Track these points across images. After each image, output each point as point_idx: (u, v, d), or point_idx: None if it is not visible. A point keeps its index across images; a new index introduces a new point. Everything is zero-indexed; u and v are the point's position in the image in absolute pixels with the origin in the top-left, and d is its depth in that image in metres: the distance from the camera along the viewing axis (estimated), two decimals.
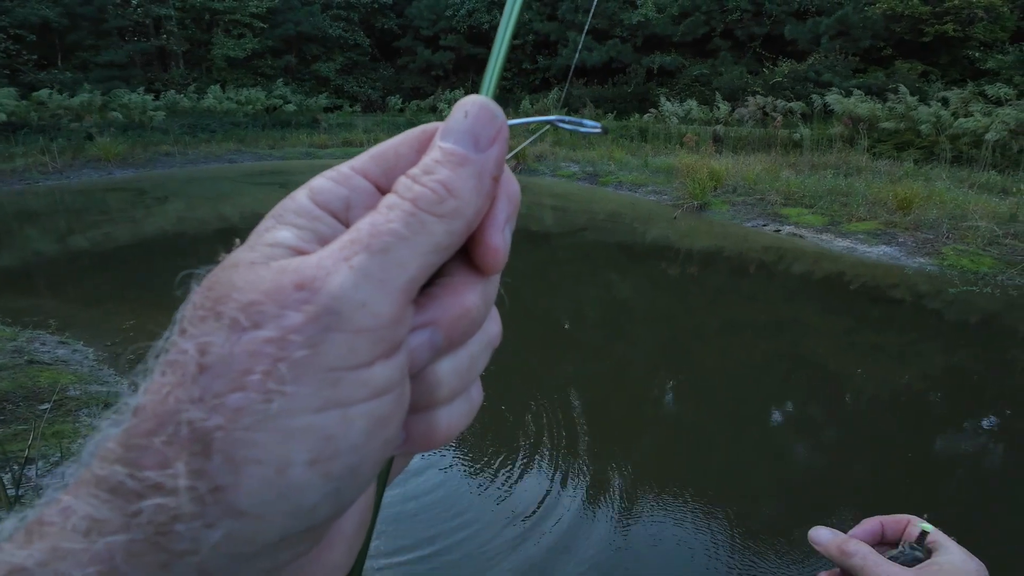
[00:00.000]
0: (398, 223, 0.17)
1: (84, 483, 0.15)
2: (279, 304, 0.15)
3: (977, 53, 13.89)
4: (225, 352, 0.15)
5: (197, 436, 0.14)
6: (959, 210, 6.90)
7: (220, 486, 0.14)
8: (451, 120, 0.19)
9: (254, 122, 16.95)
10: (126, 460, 0.15)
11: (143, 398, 0.15)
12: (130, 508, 0.14)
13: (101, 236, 7.28)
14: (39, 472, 2.46)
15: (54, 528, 0.15)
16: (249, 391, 0.15)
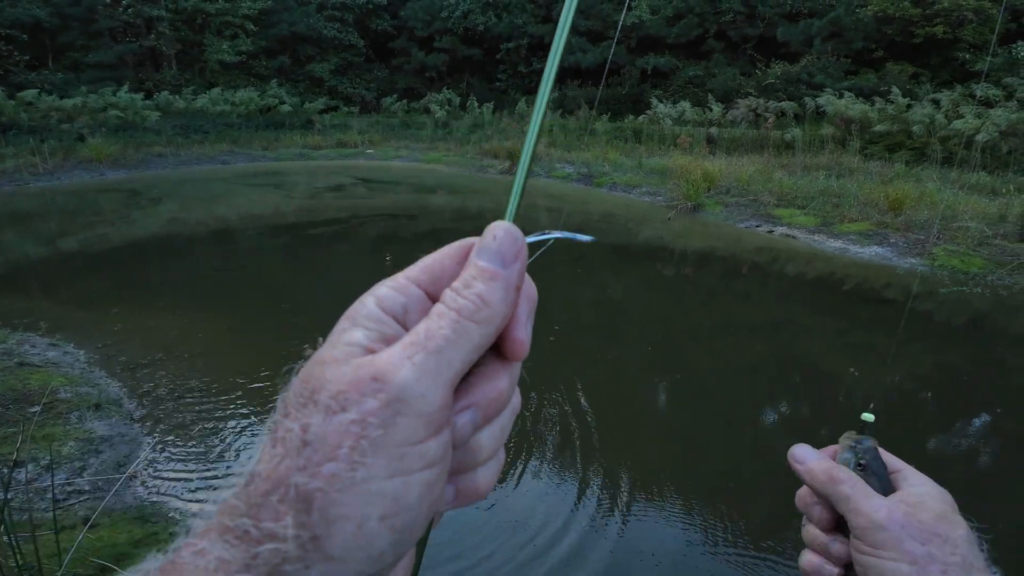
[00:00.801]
0: (447, 329, 0.21)
1: (214, 531, 0.19)
2: (360, 392, 0.20)
3: (967, 55, 14.03)
4: (321, 431, 0.19)
5: (301, 496, 0.19)
6: (950, 211, 6.97)
7: (317, 536, 0.19)
8: (483, 241, 0.24)
9: (247, 123, 16.86)
10: (250, 514, 0.19)
11: (259, 467, 0.20)
12: (252, 551, 0.19)
13: (92, 237, 7.22)
14: (28, 475, 2.43)
15: (187, 568, 0.19)
16: (340, 462, 0.19)
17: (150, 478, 2.64)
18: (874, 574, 0.40)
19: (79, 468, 2.61)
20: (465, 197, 10.46)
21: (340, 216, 8.66)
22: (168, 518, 2.36)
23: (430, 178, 12.25)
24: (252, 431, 3.02)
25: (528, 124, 0.27)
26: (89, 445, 2.77)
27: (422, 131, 17.57)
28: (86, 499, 2.42)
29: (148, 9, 18.99)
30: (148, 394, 3.33)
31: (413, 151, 15.33)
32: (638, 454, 2.96)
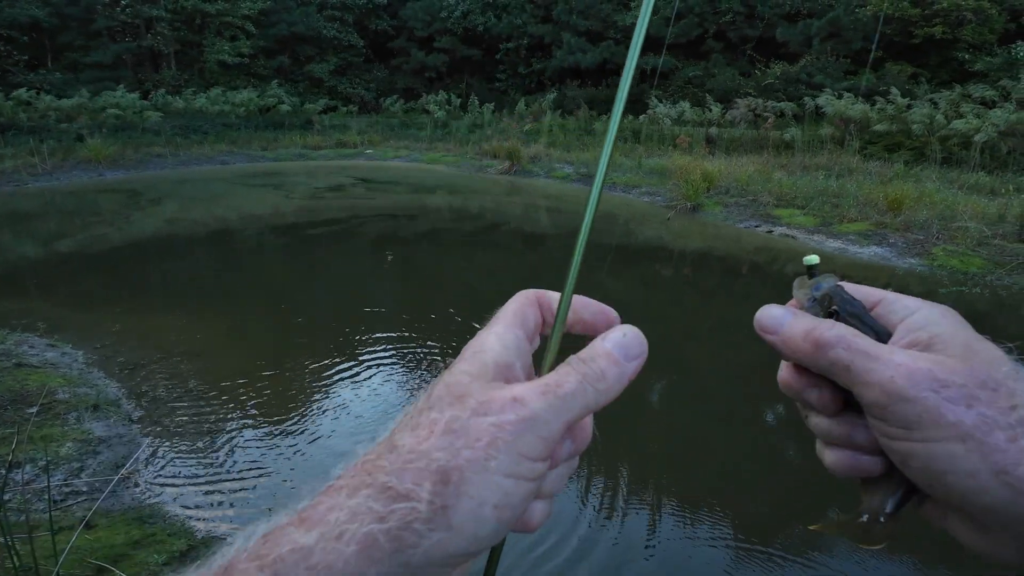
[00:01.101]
0: (573, 384, 0.27)
1: (346, 489, 0.23)
2: (502, 406, 0.25)
3: (966, 55, 14.03)
4: (466, 425, 0.24)
5: (442, 471, 0.23)
6: (949, 211, 6.97)
7: (447, 505, 0.23)
8: (615, 333, 0.30)
9: (247, 123, 16.85)
10: (396, 474, 0.23)
11: (402, 440, 0.24)
12: (390, 506, 0.22)
13: (91, 238, 7.21)
14: (25, 476, 2.43)
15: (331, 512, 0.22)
16: (476, 451, 0.24)
17: (148, 479, 2.64)
18: (917, 462, 0.28)
19: (77, 469, 2.60)
20: (465, 197, 10.46)
21: (340, 216, 8.65)
22: (166, 519, 2.35)
23: (430, 178, 12.25)
24: (251, 431, 3.02)
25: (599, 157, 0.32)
26: (87, 446, 2.76)
27: (422, 131, 17.56)
28: (84, 500, 2.41)
29: (147, 9, 18.98)
30: (146, 395, 3.32)
31: (413, 151, 15.33)
32: (637, 454, 2.96)
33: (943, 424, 0.27)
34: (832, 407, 0.33)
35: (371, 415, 3.20)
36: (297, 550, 0.21)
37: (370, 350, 4.00)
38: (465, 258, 6.86)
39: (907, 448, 0.28)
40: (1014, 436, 0.26)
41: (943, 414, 0.27)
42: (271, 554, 0.21)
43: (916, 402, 0.27)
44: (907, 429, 0.28)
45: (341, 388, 3.47)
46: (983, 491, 0.26)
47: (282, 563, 0.21)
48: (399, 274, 6.19)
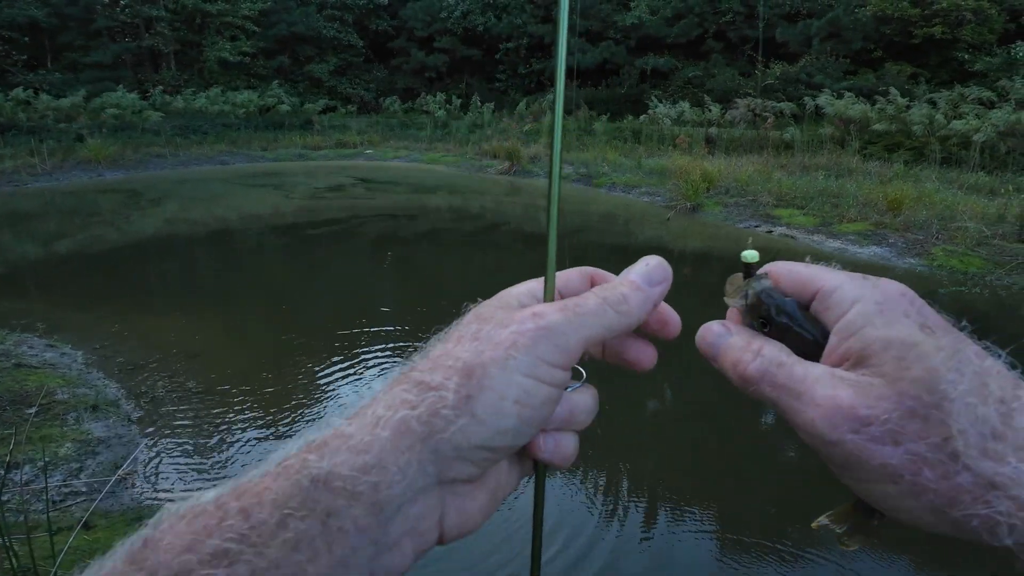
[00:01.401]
0: (592, 304, 0.29)
1: (394, 385, 0.26)
2: (521, 320, 0.27)
3: (966, 55, 14.04)
4: (489, 333, 0.27)
5: (467, 367, 0.26)
6: (948, 211, 6.97)
7: (471, 396, 0.25)
8: (639, 265, 0.32)
9: (246, 123, 16.85)
10: (428, 371, 0.26)
11: (435, 349, 0.28)
12: (422, 396, 0.25)
13: (91, 238, 7.21)
14: (24, 477, 2.43)
15: (371, 408, 0.25)
16: (497, 352, 0.26)
17: (147, 479, 2.64)
18: (860, 495, 0.27)
19: (76, 469, 2.60)
20: (464, 197, 10.46)
21: (339, 216, 8.65)
22: None
23: (429, 178, 12.25)
24: (250, 432, 3.01)
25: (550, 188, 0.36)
26: (86, 446, 2.76)
27: (421, 131, 17.56)
28: (83, 501, 2.41)
29: (146, 9, 18.98)
30: (145, 395, 3.32)
31: (412, 151, 15.32)
32: (635, 453, 2.96)
33: (870, 467, 0.25)
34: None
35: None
36: (340, 435, 0.24)
37: (369, 351, 4.00)
38: (465, 258, 6.86)
39: (846, 483, 0.27)
40: (945, 473, 0.24)
41: (868, 457, 0.25)
42: (317, 440, 0.24)
43: (839, 445, 0.25)
44: (839, 468, 0.27)
45: (340, 388, 3.47)
46: (924, 524, 0.25)
47: (327, 447, 0.24)
48: (399, 274, 6.19)
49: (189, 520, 0.22)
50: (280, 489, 0.22)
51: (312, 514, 0.22)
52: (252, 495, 0.22)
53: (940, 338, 0.26)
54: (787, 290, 0.31)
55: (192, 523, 0.22)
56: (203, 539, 0.21)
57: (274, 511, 0.21)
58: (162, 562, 0.20)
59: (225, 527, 0.21)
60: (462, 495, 0.27)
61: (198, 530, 0.21)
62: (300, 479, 0.22)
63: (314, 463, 0.23)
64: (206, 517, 0.22)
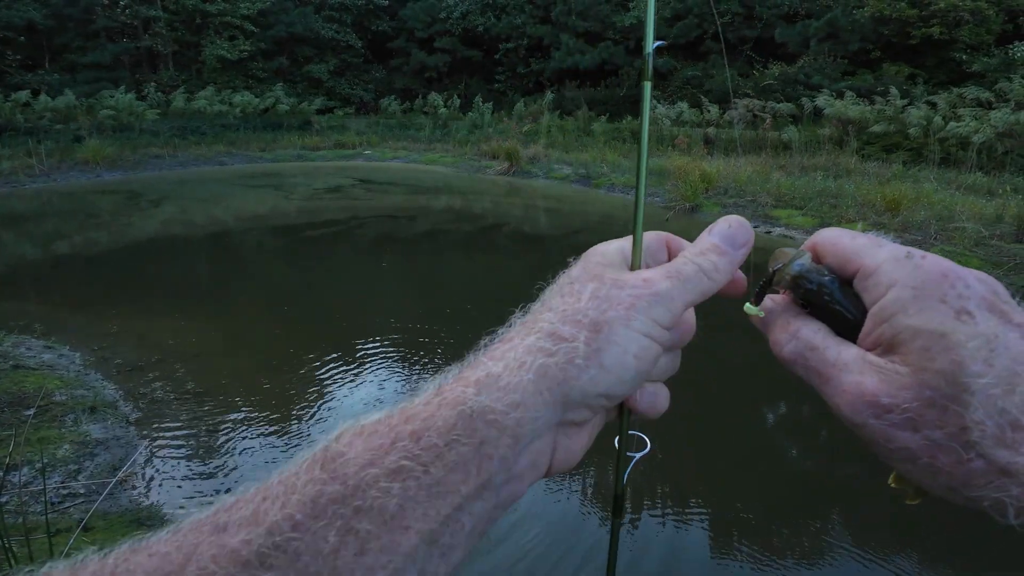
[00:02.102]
0: (691, 271, 0.31)
1: (528, 333, 0.29)
2: (633, 283, 0.30)
3: (963, 56, 14.07)
4: (607, 293, 0.29)
5: (594, 322, 0.28)
6: (946, 211, 6.98)
7: (599, 349, 0.28)
8: (720, 225, 0.34)
9: (245, 124, 16.83)
10: (560, 323, 0.29)
11: (557, 304, 0.30)
12: (558, 345, 0.28)
13: (89, 239, 7.20)
14: (22, 478, 2.42)
15: (512, 351, 0.28)
16: (618, 311, 0.29)
17: (146, 481, 2.63)
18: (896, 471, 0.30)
19: (74, 471, 2.59)
20: (464, 198, 10.46)
21: (339, 217, 8.64)
22: (164, 521, 2.34)
23: (429, 179, 12.24)
24: (249, 433, 3.01)
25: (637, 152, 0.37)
26: (84, 448, 2.75)
27: (420, 132, 17.56)
28: (81, 502, 2.40)
29: (145, 10, 18.96)
30: (144, 397, 3.31)
31: (411, 152, 15.32)
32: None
33: (891, 447, 0.27)
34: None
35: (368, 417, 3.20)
36: (491, 375, 0.27)
37: (368, 352, 4.00)
38: (464, 259, 6.86)
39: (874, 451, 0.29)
40: (959, 459, 0.25)
41: (888, 440, 0.27)
42: (471, 377, 0.27)
43: (862, 428, 0.28)
44: (866, 443, 0.29)
45: (339, 390, 3.47)
46: (942, 496, 0.28)
47: (480, 384, 0.27)
48: (398, 275, 6.19)
49: (366, 438, 0.25)
50: (446, 417, 0.25)
51: (471, 441, 0.25)
52: (420, 420, 0.26)
53: (978, 324, 0.25)
54: (830, 265, 0.31)
55: (369, 441, 0.25)
56: (381, 456, 0.25)
57: (441, 436, 0.25)
58: (350, 473, 0.24)
59: (399, 447, 0.25)
60: (570, 435, 0.30)
61: (375, 447, 0.25)
62: (464, 410, 0.26)
63: (472, 396, 0.26)
64: (379, 437, 0.25)
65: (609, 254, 0.33)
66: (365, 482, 0.24)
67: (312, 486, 0.24)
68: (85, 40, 18.73)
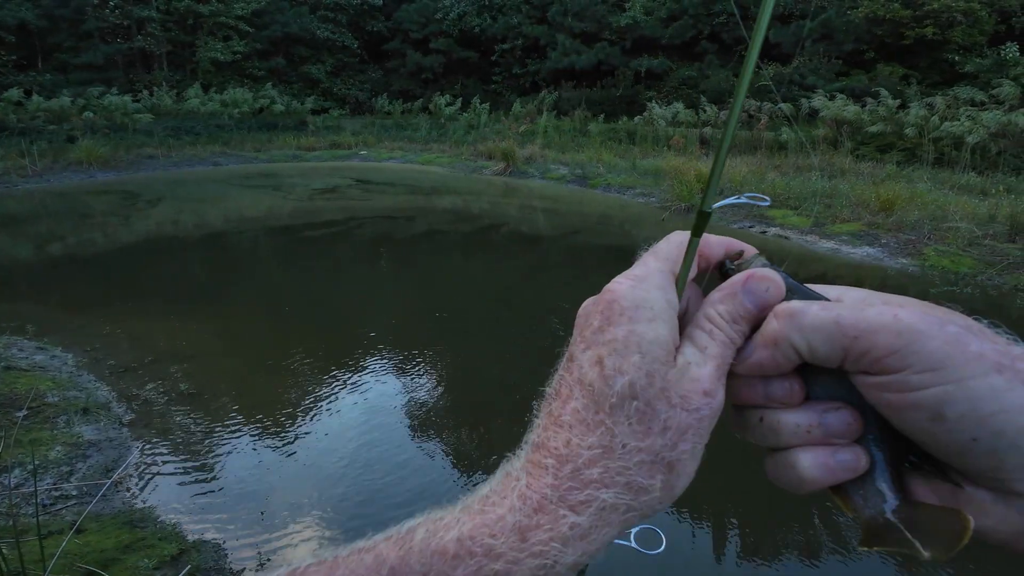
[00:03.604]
0: (729, 357, 0.30)
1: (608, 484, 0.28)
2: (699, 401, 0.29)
3: (956, 56, 14.17)
4: (678, 423, 0.29)
5: (668, 462, 0.28)
6: (940, 211, 7.02)
7: (673, 485, 0.29)
8: (757, 286, 0.30)
9: (240, 124, 16.77)
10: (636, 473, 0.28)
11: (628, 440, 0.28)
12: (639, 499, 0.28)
13: (81, 240, 7.15)
14: (14, 480, 2.40)
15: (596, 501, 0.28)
16: (687, 443, 0.29)
17: (139, 483, 2.61)
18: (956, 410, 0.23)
19: (66, 473, 2.57)
20: (461, 198, 10.45)
21: (336, 218, 8.62)
22: (157, 523, 2.33)
23: (425, 179, 12.23)
24: (242, 435, 2.99)
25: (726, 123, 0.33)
26: (76, 450, 2.73)
27: (416, 132, 17.54)
28: (73, 504, 2.38)
29: (137, 10, 18.87)
30: (137, 398, 3.29)
31: (407, 152, 15.30)
32: None
33: (970, 355, 0.23)
34: (800, 395, 0.29)
35: (364, 418, 3.19)
36: (577, 528, 0.27)
37: (364, 353, 3.99)
38: (462, 260, 6.85)
39: (941, 395, 0.23)
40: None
41: (966, 344, 0.23)
42: (556, 530, 0.27)
43: (933, 335, 0.23)
44: (935, 370, 0.23)
45: (334, 391, 3.45)
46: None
47: (567, 539, 0.27)
48: (395, 276, 6.17)
49: (450, 562, 0.27)
50: (531, 566, 0.27)
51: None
52: (507, 562, 0.27)
53: None
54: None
55: (453, 567, 0.27)
56: None
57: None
58: None
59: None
60: None
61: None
62: (551, 564, 0.27)
63: (558, 553, 0.27)
64: (463, 568, 0.27)
65: (661, 321, 0.29)
66: None
67: None
68: (78, 40, 18.62)
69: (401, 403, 3.33)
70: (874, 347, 0.25)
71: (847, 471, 0.28)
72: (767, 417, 0.30)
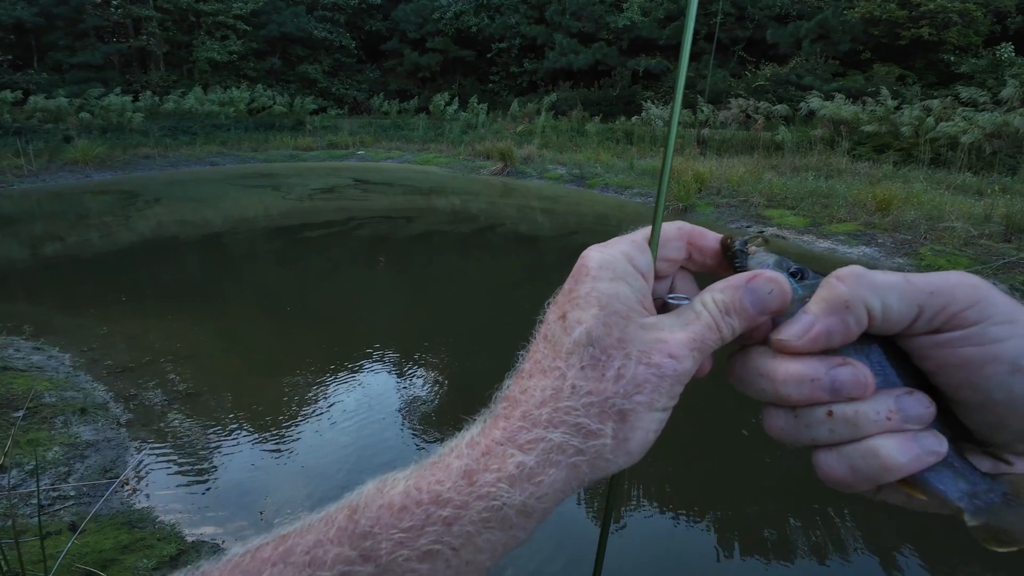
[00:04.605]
0: (714, 340, 0.30)
1: (555, 423, 0.28)
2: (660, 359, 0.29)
3: (952, 57, 14.24)
4: (634, 374, 0.28)
5: (621, 412, 0.28)
6: (936, 211, 7.06)
7: (627, 438, 0.28)
8: (762, 286, 0.30)
9: (237, 124, 16.73)
10: (586, 415, 0.28)
11: (580, 383, 0.28)
12: (587, 443, 0.28)
13: (78, 240, 7.13)
14: (12, 481, 2.39)
15: (543, 443, 0.28)
16: (644, 395, 0.28)
17: (137, 483, 2.61)
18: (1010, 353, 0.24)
19: (64, 473, 2.57)
20: (460, 198, 10.45)
21: (335, 218, 8.61)
22: (156, 523, 2.33)
23: (423, 180, 12.22)
24: (240, 435, 2.99)
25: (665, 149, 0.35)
26: (74, 450, 2.73)
27: (414, 132, 17.53)
28: (71, 504, 2.38)
29: (137, 9, 18.81)
30: (135, 398, 3.28)
31: (405, 152, 15.29)
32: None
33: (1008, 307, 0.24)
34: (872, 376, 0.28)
35: (362, 418, 3.19)
36: (523, 470, 0.27)
37: (362, 353, 3.99)
38: (460, 260, 6.85)
39: (1021, 344, 0.24)
40: None
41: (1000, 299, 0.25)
42: (503, 470, 0.27)
43: (998, 292, 0.25)
44: (1012, 322, 0.24)
45: (332, 391, 3.45)
46: None
47: (514, 480, 0.27)
48: (393, 277, 6.17)
49: (396, 514, 0.26)
50: (480, 509, 0.27)
51: (502, 528, 0.27)
52: (453, 507, 0.26)
53: None
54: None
55: (400, 519, 0.26)
56: (413, 539, 0.26)
57: (474, 524, 0.26)
58: (382, 554, 0.25)
59: (431, 531, 0.26)
60: None
61: (406, 528, 0.26)
62: (497, 505, 0.27)
63: (506, 491, 0.27)
64: (410, 516, 0.26)
65: (624, 280, 0.30)
66: (396, 563, 0.25)
67: (342, 565, 0.26)
68: (74, 40, 18.54)
69: (399, 403, 3.34)
70: (953, 300, 0.25)
71: (933, 455, 0.26)
72: (838, 410, 0.27)
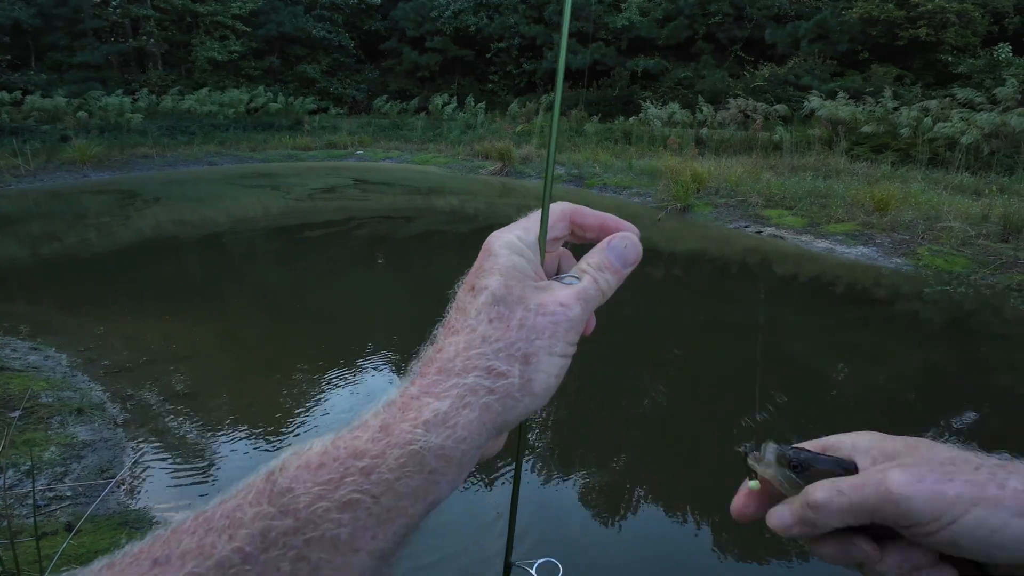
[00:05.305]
0: (594, 291, 0.35)
1: (468, 369, 0.30)
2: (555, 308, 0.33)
3: (949, 57, 14.26)
4: (533, 322, 0.32)
5: (524, 355, 0.31)
6: (934, 211, 7.07)
7: (531, 379, 0.31)
8: (617, 242, 0.37)
9: (235, 124, 16.70)
10: (495, 359, 0.30)
11: (487, 332, 0.31)
12: (497, 382, 0.30)
13: (75, 240, 7.11)
14: (8, 481, 2.38)
15: (455, 387, 0.30)
16: (543, 340, 0.32)
17: (133, 483, 2.60)
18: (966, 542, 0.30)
19: (61, 473, 2.56)
20: (458, 198, 10.45)
21: (334, 218, 8.60)
22: (152, 523, 2.32)
23: (422, 179, 12.22)
24: (237, 435, 2.99)
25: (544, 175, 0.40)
26: (71, 450, 2.72)
27: (412, 132, 17.51)
28: (68, 505, 2.37)
29: (136, 9, 18.77)
30: (132, 398, 3.27)
31: (403, 152, 15.28)
32: (626, 453, 2.97)
33: (950, 500, 0.30)
34: (876, 552, 0.33)
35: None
36: (438, 415, 0.29)
37: (360, 352, 3.98)
38: (459, 261, 6.84)
39: (948, 535, 0.30)
40: (1000, 483, 0.30)
41: (944, 493, 0.30)
42: (419, 417, 0.28)
43: (918, 495, 0.30)
44: (933, 520, 0.30)
45: (330, 391, 3.45)
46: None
47: (428, 424, 0.28)
48: (392, 277, 6.17)
49: (314, 472, 0.27)
50: (396, 456, 0.27)
51: (422, 473, 0.28)
52: (370, 457, 0.27)
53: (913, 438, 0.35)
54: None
55: (318, 475, 0.27)
56: (332, 491, 0.26)
57: (392, 471, 0.27)
58: (300, 507, 0.26)
59: (349, 482, 0.26)
60: (495, 440, 0.34)
61: (324, 482, 0.26)
62: (414, 449, 0.28)
63: (422, 436, 0.28)
64: (328, 471, 0.27)
65: (520, 255, 0.35)
66: (316, 515, 0.26)
67: (261, 520, 0.25)
68: (73, 40, 18.50)
69: None
70: (886, 516, 0.31)
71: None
72: (867, 570, 0.34)
